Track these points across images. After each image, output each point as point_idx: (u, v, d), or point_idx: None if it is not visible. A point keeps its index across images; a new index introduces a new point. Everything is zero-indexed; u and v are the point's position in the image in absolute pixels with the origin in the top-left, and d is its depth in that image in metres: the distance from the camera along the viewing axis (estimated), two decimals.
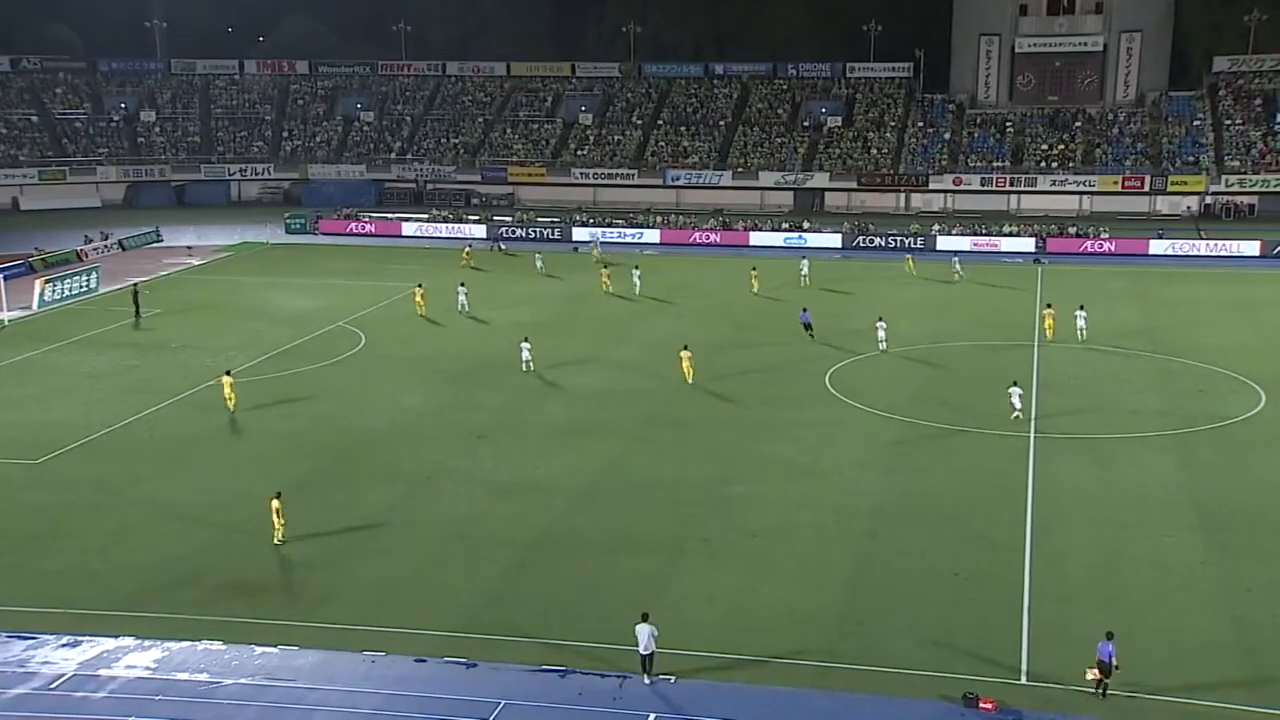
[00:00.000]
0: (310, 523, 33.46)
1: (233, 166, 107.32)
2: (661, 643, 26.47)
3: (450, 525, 33.36)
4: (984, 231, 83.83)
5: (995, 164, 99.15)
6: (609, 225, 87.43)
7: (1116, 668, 24.42)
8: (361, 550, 31.75)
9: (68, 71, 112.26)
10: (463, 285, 61.58)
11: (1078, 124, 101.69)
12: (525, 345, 49.49)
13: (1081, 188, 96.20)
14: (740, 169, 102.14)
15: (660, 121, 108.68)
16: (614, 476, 37.28)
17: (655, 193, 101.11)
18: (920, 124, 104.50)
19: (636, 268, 66.82)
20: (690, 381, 46.46)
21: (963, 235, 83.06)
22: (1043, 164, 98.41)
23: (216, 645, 26.52)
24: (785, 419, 42.84)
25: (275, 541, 32.02)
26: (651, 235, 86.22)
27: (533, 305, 62.34)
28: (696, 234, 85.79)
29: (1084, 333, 53.82)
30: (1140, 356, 51.78)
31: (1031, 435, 40.82)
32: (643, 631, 24.36)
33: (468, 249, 76.35)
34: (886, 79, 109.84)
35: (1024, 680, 25.14)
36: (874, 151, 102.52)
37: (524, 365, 49.05)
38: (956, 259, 71.60)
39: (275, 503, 32.21)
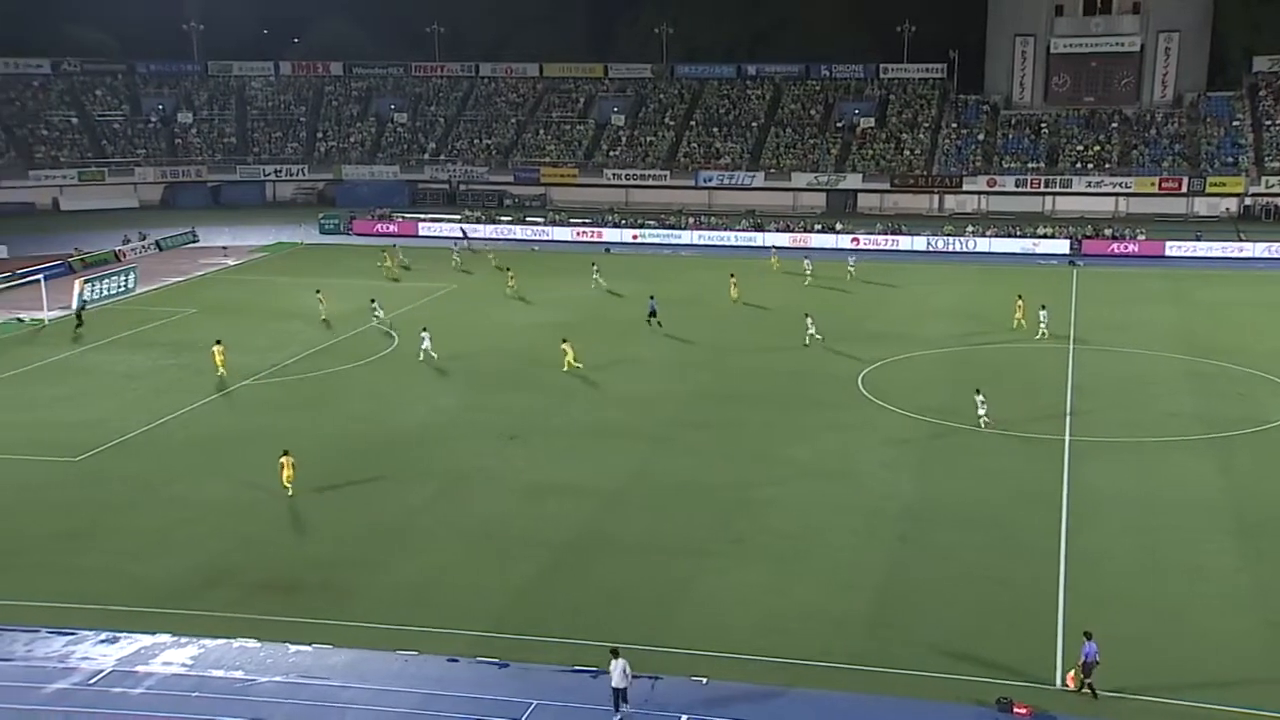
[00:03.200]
0: (343, 522, 33.71)
1: (268, 167, 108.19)
2: (693, 643, 26.57)
3: (482, 526, 33.49)
4: (1017, 233, 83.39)
5: (1030, 165, 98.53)
6: (642, 226, 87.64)
7: (1097, 663, 24.39)
8: (394, 550, 31.93)
9: (107, 74, 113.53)
10: (373, 301, 58.57)
11: (1114, 125, 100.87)
12: (425, 334, 51.14)
13: (1117, 189, 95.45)
14: (773, 170, 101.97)
15: (692, 123, 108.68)
16: (644, 478, 37.32)
17: (687, 194, 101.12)
18: (954, 125, 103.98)
19: (594, 263, 68.94)
20: (579, 365, 47.95)
21: (998, 236, 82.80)
22: (1078, 165, 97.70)
23: (251, 643, 26.74)
24: (816, 421, 42.74)
25: (289, 493, 34.72)
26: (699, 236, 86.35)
27: (560, 307, 62.38)
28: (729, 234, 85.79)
29: (1045, 331, 54.16)
30: (1177, 359, 51.31)
31: (1066, 438, 40.55)
32: (616, 667, 23.75)
33: (387, 251, 74.45)
34: (920, 80, 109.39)
35: (1058, 686, 24.96)
36: (907, 153, 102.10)
37: (421, 354, 50.54)
38: (852, 259, 71.67)
39: (285, 459, 34.96)
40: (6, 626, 27.38)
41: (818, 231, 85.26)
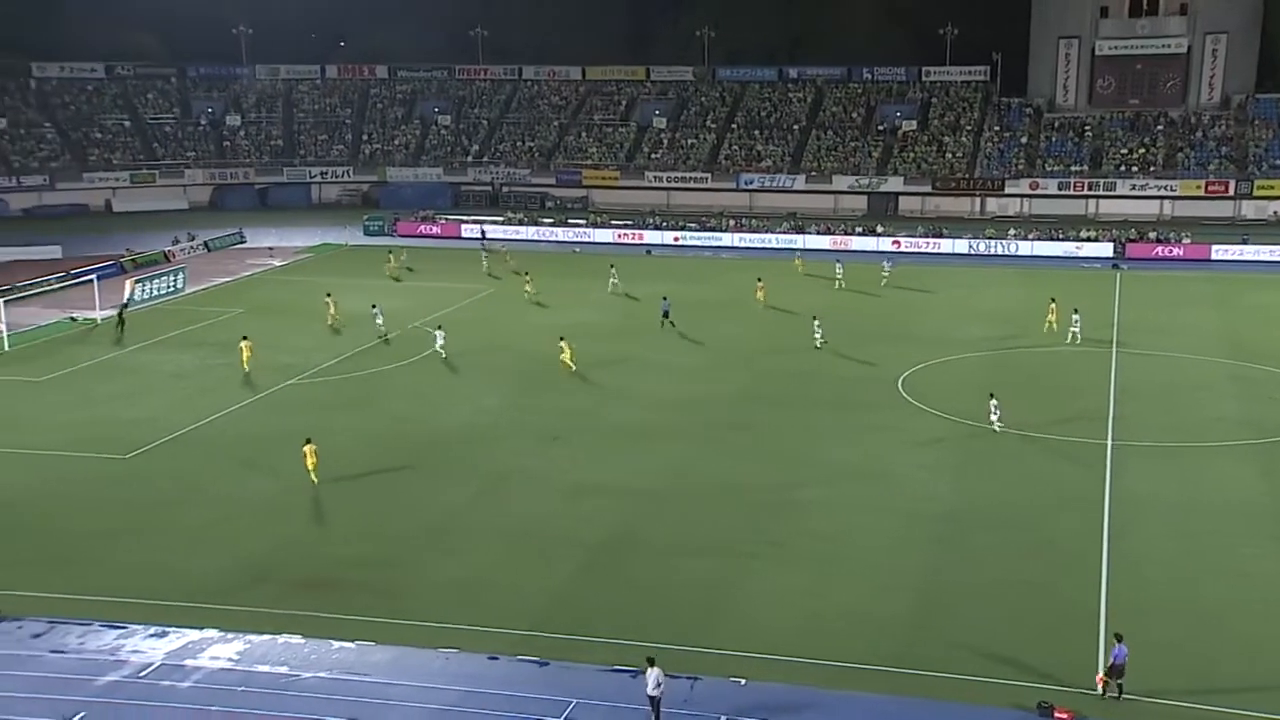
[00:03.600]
0: (386, 520, 34.00)
1: (313, 169, 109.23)
2: (732, 644, 26.58)
3: (523, 525, 33.65)
4: (1060, 236, 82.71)
5: (1073, 168, 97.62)
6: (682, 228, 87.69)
7: (1121, 666, 24.27)
8: (436, 548, 32.15)
9: (159, 78, 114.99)
10: (374, 306, 57.21)
11: (1159, 127, 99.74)
12: (439, 333, 52.32)
13: (1162, 192, 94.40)
14: (814, 173, 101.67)
15: (734, 125, 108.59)
16: (684, 479, 37.36)
17: (728, 196, 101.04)
18: (996, 128, 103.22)
19: (611, 265, 68.17)
20: (573, 366, 48.10)
21: (1039, 239, 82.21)
22: (1122, 168, 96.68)
23: (296, 639, 27.03)
24: (856, 423, 42.62)
25: (314, 481, 36.10)
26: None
27: (600, 309, 62.54)
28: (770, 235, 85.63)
29: (1077, 335, 53.55)
30: (1222, 364, 50.70)
31: (1108, 442, 40.20)
32: (651, 675, 23.63)
33: (392, 251, 75.19)
34: (962, 83, 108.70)
35: (1099, 691, 24.75)
36: (949, 155, 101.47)
37: (439, 351, 51.72)
38: (888, 264, 70.47)
39: (307, 447, 36.12)
40: (61, 619, 27.85)
41: (858, 234, 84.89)
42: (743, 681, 25.25)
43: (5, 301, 57.33)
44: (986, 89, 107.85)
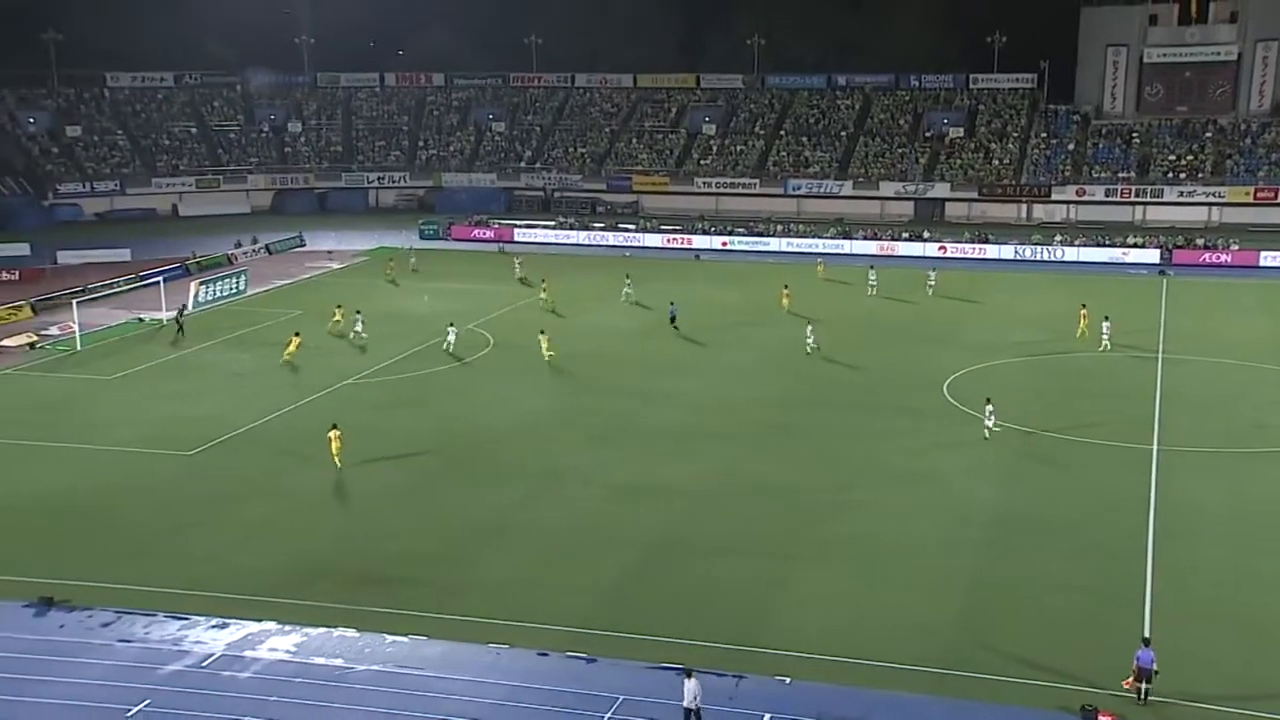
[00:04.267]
0: (438, 518, 34.21)
1: (371, 175, 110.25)
2: (777, 643, 26.46)
3: (571, 524, 33.71)
4: (1106, 242, 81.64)
5: (1120, 175, 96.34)
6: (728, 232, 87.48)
7: (1156, 673, 23.86)
8: (487, 546, 32.29)
9: (224, 86, 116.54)
10: (358, 313, 56.82)
11: (1208, 134, 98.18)
12: (451, 329, 54.02)
13: (1210, 199, 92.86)
14: (861, 179, 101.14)
15: (782, 132, 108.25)
16: (730, 480, 37.27)
17: (776, 202, 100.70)
18: (1044, 135, 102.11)
19: (627, 275, 66.59)
20: (553, 354, 47.81)
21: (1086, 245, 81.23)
22: (1170, 175, 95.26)
23: (350, 633, 27.25)
24: (902, 426, 42.31)
25: (337, 465, 37.56)
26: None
27: (646, 312, 62.49)
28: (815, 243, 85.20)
29: (1107, 342, 52.55)
30: (1269, 370, 49.80)
31: (1154, 448, 39.61)
32: (689, 687, 23.21)
33: (394, 257, 75.45)
34: (1010, 90, 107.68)
35: (1139, 699, 24.37)
36: (996, 162, 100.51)
37: (446, 346, 53.29)
38: (933, 272, 67.61)
39: (332, 433, 37.80)
40: (128, 610, 28.29)
41: (905, 240, 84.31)
42: (788, 680, 25.13)
43: (77, 303, 58.38)
44: (1034, 96, 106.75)
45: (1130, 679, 24.22)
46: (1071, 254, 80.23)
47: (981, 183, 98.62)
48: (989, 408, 40.89)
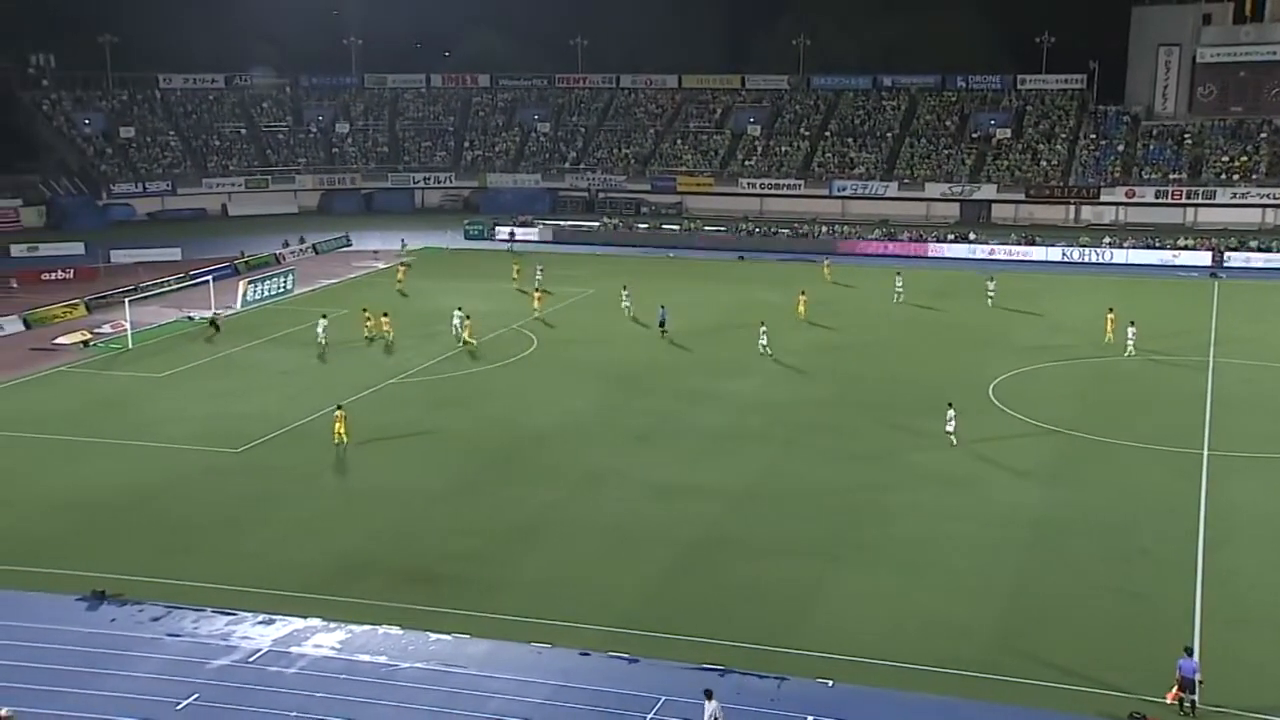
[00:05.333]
0: (481, 517, 34.40)
1: (417, 175, 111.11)
2: (817, 646, 26.39)
3: (612, 524, 33.78)
4: (1156, 244, 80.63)
5: (1171, 176, 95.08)
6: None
7: (1200, 682, 23.48)
8: (530, 545, 32.43)
9: (273, 87, 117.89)
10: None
11: (1263, 135, 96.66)
12: (458, 312, 55.93)
13: (1265, 200, 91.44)
14: (906, 180, 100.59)
15: (827, 133, 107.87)
16: (771, 481, 37.21)
17: (821, 203, 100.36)
18: (1093, 136, 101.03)
19: (624, 286, 63.00)
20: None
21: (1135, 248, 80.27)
22: (1223, 176, 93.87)
23: (395, 630, 27.46)
24: (946, 428, 41.93)
25: (338, 444, 39.77)
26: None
27: (690, 312, 62.51)
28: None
29: (1132, 348, 51.53)
30: None
31: (1204, 453, 39.07)
32: (708, 710, 22.74)
33: (404, 266, 73.55)
34: (1058, 90, 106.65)
35: (1187, 707, 24.05)
36: (1043, 163, 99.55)
37: (454, 333, 55.11)
38: (992, 283, 64.72)
39: (338, 413, 40.20)
40: (177, 605, 28.68)
41: (950, 241, 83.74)
42: (830, 683, 25.06)
43: (129, 301, 59.27)
44: (1083, 97, 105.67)
45: (1174, 690, 23.88)
46: (1121, 256, 79.31)
47: (1029, 184, 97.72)
48: (951, 412, 40.19)
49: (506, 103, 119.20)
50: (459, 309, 56.86)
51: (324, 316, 56.28)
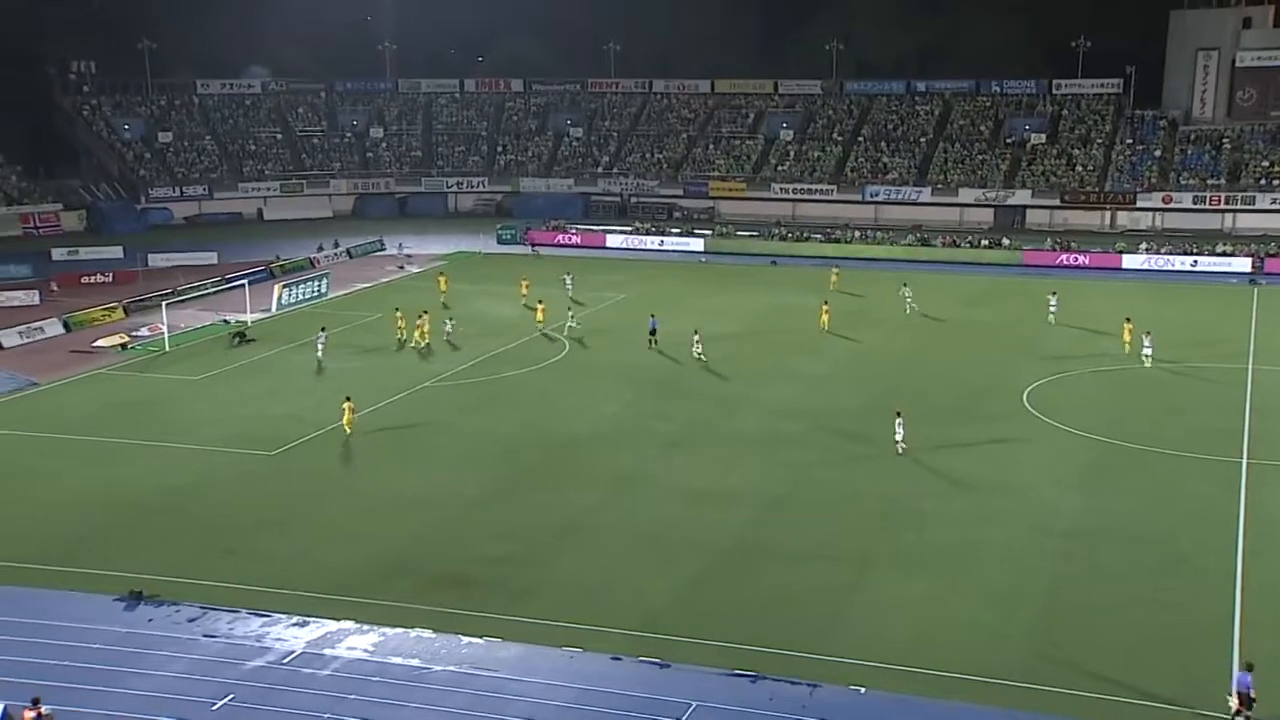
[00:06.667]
0: (514, 521, 34.48)
1: (450, 179, 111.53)
2: (850, 652, 26.28)
3: (645, 529, 33.76)
4: (1194, 250, 79.77)
5: (1209, 182, 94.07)
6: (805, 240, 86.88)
7: (1254, 700, 23.06)
8: (562, 549, 32.48)
9: (309, 93, 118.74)
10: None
11: None
12: (449, 321, 57.03)
13: None
14: (940, 185, 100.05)
15: (860, 138, 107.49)
16: (805, 487, 37.09)
17: (853, 208, 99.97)
18: (1129, 141, 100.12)
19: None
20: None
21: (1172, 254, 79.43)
22: (1263, 181, 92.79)
23: (427, 633, 27.55)
24: (980, 435, 41.78)
25: (347, 432, 41.58)
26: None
27: (728, 317, 62.49)
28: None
29: (1148, 359, 50.58)
30: None
31: (1243, 460, 38.62)
32: None
33: (442, 276, 70.28)
34: (1094, 95, 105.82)
35: (1232, 716, 23.76)
36: (1079, 168, 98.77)
37: (446, 336, 55.88)
38: (1054, 295, 61.64)
39: (346, 404, 42.22)
40: (212, 606, 28.91)
41: (984, 247, 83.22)
42: (863, 690, 24.93)
43: (166, 305, 59.85)
44: (1119, 101, 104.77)
45: (1235, 702, 23.48)
46: (1158, 262, 78.53)
47: (1064, 189, 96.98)
48: (899, 420, 39.85)
49: (539, 107, 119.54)
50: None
51: (323, 330, 55.46)
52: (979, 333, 59.11)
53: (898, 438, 39.64)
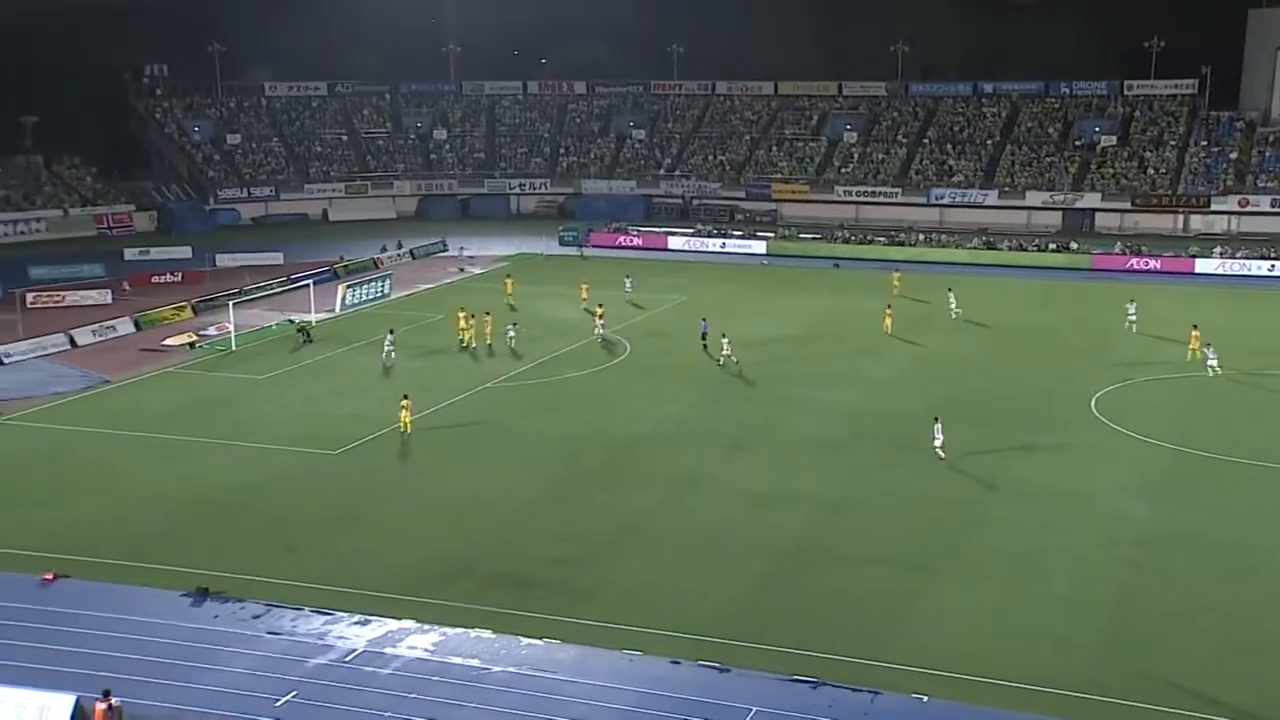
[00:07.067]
0: (574, 522, 34.59)
1: (513, 181, 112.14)
2: (913, 660, 26.05)
3: (706, 532, 33.70)
4: (1272, 255, 78.02)
5: None
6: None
7: None
8: (622, 551, 32.53)
9: (374, 94, 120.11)
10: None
11: None
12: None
13: None
14: (1007, 188, 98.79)
15: (926, 140, 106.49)
16: (867, 491, 36.84)
17: (918, 211, 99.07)
18: (1204, 143, 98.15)
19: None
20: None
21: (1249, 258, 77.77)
22: None
23: (487, 634, 27.69)
24: (1047, 441, 41.23)
25: (403, 432, 42.01)
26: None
27: (793, 319, 62.23)
28: None
29: (1214, 368, 49.37)
30: None
31: None
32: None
33: (508, 279, 69.73)
34: (1168, 96, 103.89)
35: None
36: (1151, 171, 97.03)
37: (508, 341, 55.18)
38: (1132, 308, 60.18)
39: (404, 403, 42.45)
40: (277, 604, 29.30)
41: (1052, 251, 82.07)
42: (925, 699, 24.69)
43: (234, 304, 60.84)
44: (1194, 102, 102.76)
45: None
46: (1233, 267, 76.93)
47: (1135, 193, 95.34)
48: (937, 425, 39.37)
49: (602, 109, 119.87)
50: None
51: (391, 332, 55.44)
52: (1045, 338, 58.33)
53: (937, 443, 39.25)
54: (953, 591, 29.74)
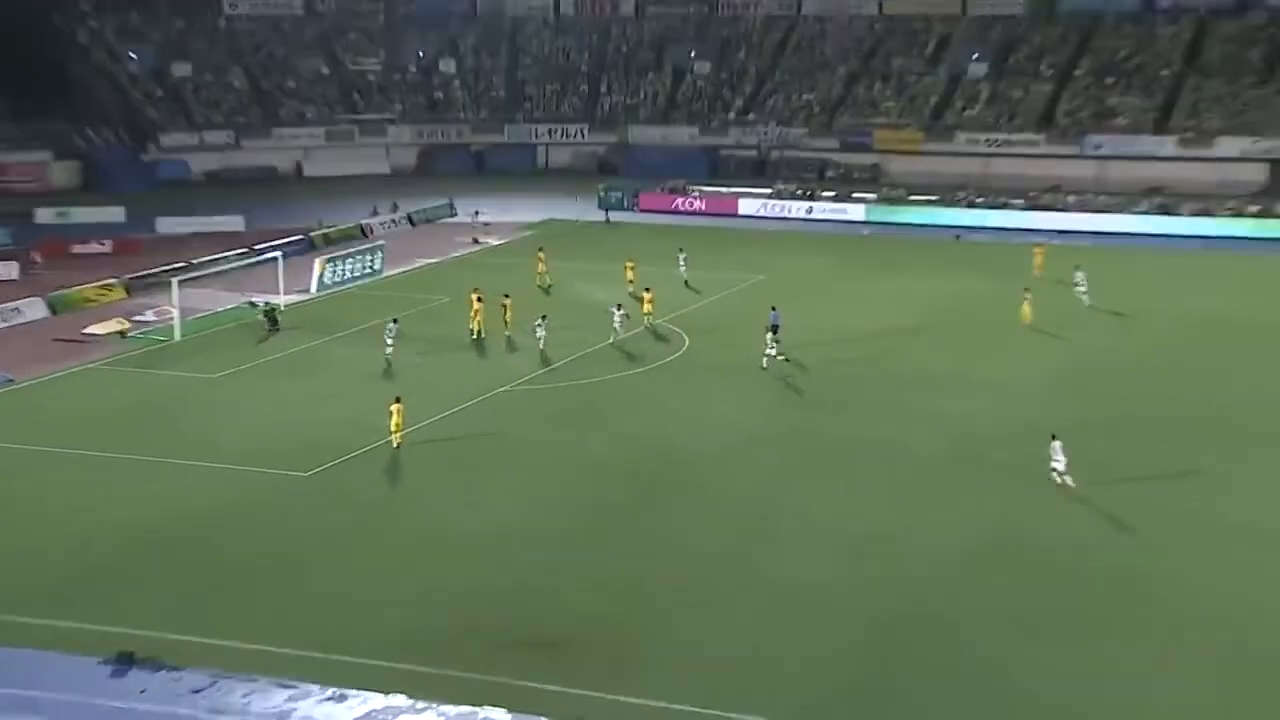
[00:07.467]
0: (615, 567, 34.14)
1: (540, 127, 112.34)
2: None
3: (791, 583, 33.13)
4: None
5: None
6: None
7: None
8: (678, 607, 32.00)
9: (363, 14, 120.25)
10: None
11: None
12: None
13: None
14: (1189, 134, 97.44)
15: (1078, 72, 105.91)
16: (1000, 532, 36.26)
17: (1068, 165, 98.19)
18: None
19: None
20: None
21: None
22: None
23: (499, 714, 27.09)
24: (1235, 472, 40.35)
25: (394, 444, 41.88)
26: None
27: (908, 306, 61.68)
28: None
29: None
30: None
31: None
32: None
33: (541, 254, 69.82)
34: None
35: None
36: None
37: (537, 338, 53.71)
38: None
39: (395, 406, 41.98)
40: (225, 674, 28.69)
41: (1254, 216, 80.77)
42: None
43: (179, 282, 60.64)
44: None
45: None
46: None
47: None
48: (1055, 444, 38.67)
49: (655, 36, 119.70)
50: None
51: (395, 320, 54.73)
52: (1241, 332, 57.42)
53: (1058, 467, 38.61)
54: (1123, 668, 28.87)
